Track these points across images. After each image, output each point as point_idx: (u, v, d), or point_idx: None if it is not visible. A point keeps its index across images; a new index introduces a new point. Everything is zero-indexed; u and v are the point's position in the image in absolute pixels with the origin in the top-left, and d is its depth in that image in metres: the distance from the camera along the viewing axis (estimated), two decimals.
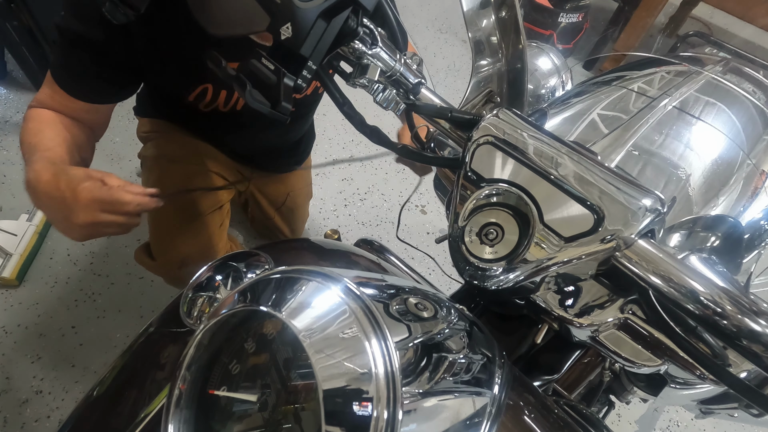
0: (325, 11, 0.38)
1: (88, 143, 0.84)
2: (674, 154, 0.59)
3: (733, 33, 2.95)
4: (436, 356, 0.36)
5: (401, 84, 0.49)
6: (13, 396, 1.31)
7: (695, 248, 0.54)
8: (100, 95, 0.81)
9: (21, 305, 1.48)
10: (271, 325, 0.37)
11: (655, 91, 0.68)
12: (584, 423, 0.50)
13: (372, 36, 0.44)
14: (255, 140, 1.09)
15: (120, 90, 0.83)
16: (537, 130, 0.43)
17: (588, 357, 0.70)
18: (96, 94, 0.80)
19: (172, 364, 0.50)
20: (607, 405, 0.84)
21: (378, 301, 0.35)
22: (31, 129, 0.78)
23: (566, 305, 0.45)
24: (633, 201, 0.38)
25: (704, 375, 0.43)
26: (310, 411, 0.33)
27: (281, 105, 0.40)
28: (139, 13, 0.52)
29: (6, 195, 1.71)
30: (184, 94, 0.86)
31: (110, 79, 0.79)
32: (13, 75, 2.08)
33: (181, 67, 0.80)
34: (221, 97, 0.87)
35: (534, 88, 0.84)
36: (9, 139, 1.87)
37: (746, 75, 0.86)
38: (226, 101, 0.88)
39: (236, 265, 0.53)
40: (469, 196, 0.43)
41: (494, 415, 0.40)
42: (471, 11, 0.54)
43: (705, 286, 0.35)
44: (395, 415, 0.29)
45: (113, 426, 0.48)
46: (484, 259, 0.42)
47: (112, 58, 0.76)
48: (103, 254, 1.63)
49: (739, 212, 0.58)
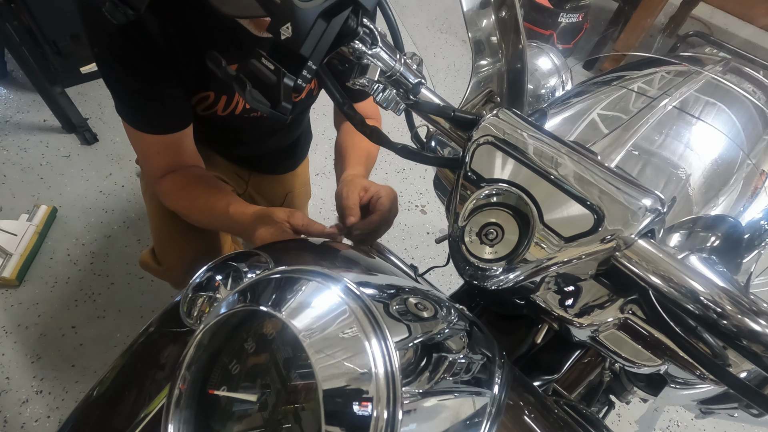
0: (325, 11, 0.38)
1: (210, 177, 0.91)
2: (674, 154, 0.59)
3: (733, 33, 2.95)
4: (436, 356, 0.36)
5: (401, 84, 0.49)
6: (13, 396, 1.31)
7: (695, 248, 0.54)
8: (178, 117, 0.84)
9: (21, 305, 1.48)
10: (271, 325, 0.37)
11: (655, 91, 0.68)
12: (584, 423, 0.50)
13: (372, 36, 0.44)
14: (251, 143, 1.09)
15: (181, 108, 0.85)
16: (537, 130, 0.43)
17: (588, 357, 0.70)
18: (174, 118, 0.83)
19: (172, 364, 0.50)
20: (607, 405, 0.84)
21: (378, 301, 0.35)
22: (193, 207, 0.86)
23: (566, 305, 0.45)
24: (633, 201, 0.38)
25: (704, 375, 0.43)
26: (310, 411, 0.33)
27: (281, 105, 0.40)
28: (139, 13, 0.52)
29: (6, 195, 1.72)
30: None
31: (168, 99, 0.81)
32: (13, 75, 2.08)
33: (185, 74, 0.80)
34: (221, 103, 0.87)
35: (534, 88, 0.84)
36: (9, 139, 1.87)
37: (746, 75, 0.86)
38: (225, 106, 0.88)
39: (236, 265, 0.53)
40: (469, 196, 0.43)
41: (494, 415, 0.40)
42: (471, 11, 0.54)
43: (705, 286, 0.35)
44: (395, 415, 0.29)
45: (113, 426, 0.48)
46: (484, 259, 0.42)
47: (156, 77, 0.77)
48: (103, 254, 1.63)
49: (739, 212, 0.58)
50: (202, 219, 0.86)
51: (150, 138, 0.81)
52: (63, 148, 1.89)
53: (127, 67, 0.73)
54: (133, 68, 0.74)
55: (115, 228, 1.71)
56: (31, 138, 1.89)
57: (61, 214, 1.70)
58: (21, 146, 1.86)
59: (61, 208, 1.71)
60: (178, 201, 0.87)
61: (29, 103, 2.00)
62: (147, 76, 0.75)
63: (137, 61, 0.73)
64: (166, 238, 1.04)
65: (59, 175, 1.81)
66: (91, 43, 0.72)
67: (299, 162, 1.31)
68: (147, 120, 0.80)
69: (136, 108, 0.79)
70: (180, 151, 0.86)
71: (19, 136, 1.89)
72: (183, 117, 0.84)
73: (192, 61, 0.77)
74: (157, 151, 0.84)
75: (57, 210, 1.70)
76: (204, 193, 0.84)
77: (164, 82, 0.77)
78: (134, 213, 1.76)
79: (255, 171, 1.23)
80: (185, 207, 0.87)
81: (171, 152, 0.85)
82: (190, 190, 0.85)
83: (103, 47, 0.71)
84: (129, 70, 0.74)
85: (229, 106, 0.89)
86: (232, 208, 0.80)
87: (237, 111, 0.90)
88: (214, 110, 0.88)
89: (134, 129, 0.80)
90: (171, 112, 0.81)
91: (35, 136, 1.90)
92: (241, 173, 1.21)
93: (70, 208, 1.73)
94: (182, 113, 0.83)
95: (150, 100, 0.78)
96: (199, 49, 0.75)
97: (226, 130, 1.00)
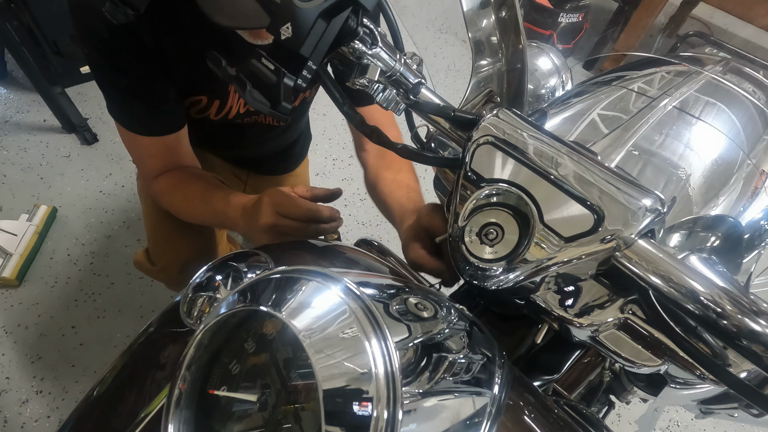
0: (325, 11, 0.38)
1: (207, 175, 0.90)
2: (674, 154, 0.59)
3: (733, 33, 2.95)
4: (436, 356, 0.36)
5: (401, 84, 0.49)
6: (13, 396, 1.31)
7: (695, 248, 0.54)
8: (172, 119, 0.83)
9: (21, 305, 1.48)
10: (271, 325, 0.37)
11: (655, 91, 0.68)
12: (584, 423, 0.50)
13: (372, 36, 0.44)
14: (248, 146, 1.09)
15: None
16: (537, 130, 0.43)
17: (588, 357, 0.70)
18: (167, 121, 0.82)
19: (172, 364, 0.50)
20: (607, 405, 0.84)
21: (378, 301, 0.35)
22: (188, 205, 0.84)
23: (566, 305, 0.45)
24: (633, 201, 0.38)
25: (704, 375, 0.43)
26: (310, 411, 0.33)
27: (281, 105, 0.40)
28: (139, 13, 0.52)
29: (6, 195, 1.72)
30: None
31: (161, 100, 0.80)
32: (13, 75, 2.08)
33: (176, 77, 0.79)
34: (213, 107, 0.86)
35: (534, 88, 0.83)
36: (9, 139, 1.87)
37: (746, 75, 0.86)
38: (218, 111, 0.87)
39: (236, 265, 0.53)
40: (469, 196, 0.43)
41: (494, 415, 0.40)
42: (471, 11, 0.54)
43: (705, 286, 0.35)
44: (395, 415, 0.29)
45: (113, 426, 0.48)
46: (484, 259, 0.42)
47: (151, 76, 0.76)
48: (103, 254, 1.63)
49: (739, 212, 0.58)
50: (198, 214, 0.84)
51: (145, 140, 0.80)
52: (63, 148, 1.89)
53: (119, 69, 0.73)
54: (125, 69, 0.73)
55: (115, 228, 1.71)
56: (31, 138, 1.89)
57: (61, 214, 1.70)
58: (21, 146, 1.86)
59: (61, 208, 1.71)
60: (173, 198, 0.85)
61: (29, 103, 2.00)
62: (139, 77, 0.74)
63: (128, 63, 0.72)
64: (160, 239, 1.04)
65: (59, 175, 1.81)
66: (83, 44, 0.71)
67: (298, 163, 1.31)
68: (140, 121, 0.79)
69: (128, 110, 0.79)
70: (176, 152, 0.85)
71: (19, 136, 1.89)
72: (177, 118, 0.83)
73: (182, 65, 0.76)
74: (152, 153, 0.83)
75: (57, 210, 1.70)
76: (200, 189, 0.83)
77: (157, 83, 0.76)
78: (134, 213, 1.76)
79: (253, 172, 1.23)
80: (180, 203, 0.85)
81: (167, 154, 0.84)
82: (185, 185, 0.84)
83: (93, 48, 0.71)
84: (120, 71, 0.73)
85: (222, 111, 0.88)
86: (233, 197, 0.79)
87: (231, 116, 0.89)
88: (206, 114, 0.87)
89: (128, 131, 0.79)
90: (164, 113, 0.80)
91: (35, 136, 1.91)
92: (239, 174, 1.21)
93: (70, 208, 1.73)
94: (176, 114, 0.82)
95: (143, 101, 0.77)
96: (190, 53, 0.75)
97: (221, 133, 0.99)
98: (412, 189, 0.86)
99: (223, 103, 0.86)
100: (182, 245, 1.02)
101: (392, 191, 0.85)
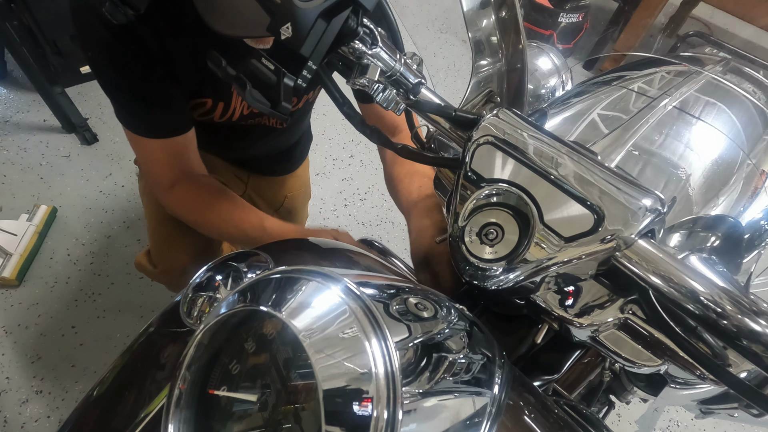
0: (325, 11, 0.38)
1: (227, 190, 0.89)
2: (674, 154, 0.59)
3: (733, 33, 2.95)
4: (436, 356, 0.36)
5: (401, 84, 0.49)
6: (13, 396, 1.31)
7: (695, 248, 0.54)
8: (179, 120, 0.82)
9: (21, 305, 1.48)
10: (271, 325, 0.37)
11: (655, 91, 0.68)
12: (584, 423, 0.50)
13: (372, 36, 0.44)
14: (250, 147, 1.09)
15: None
16: (537, 130, 0.43)
17: (588, 357, 0.70)
18: (176, 122, 0.81)
19: (172, 364, 0.50)
20: (607, 405, 0.84)
21: (378, 301, 0.35)
22: (213, 224, 0.84)
23: (566, 305, 0.45)
24: (633, 201, 0.38)
25: (704, 375, 0.43)
26: (310, 411, 0.33)
27: (281, 105, 0.40)
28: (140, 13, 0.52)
29: (6, 195, 1.72)
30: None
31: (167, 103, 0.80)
32: (13, 75, 2.08)
33: (180, 80, 0.79)
34: (218, 110, 0.86)
35: (534, 88, 0.83)
36: (9, 139, 1.87)
37: (746, 75, 0.86)
38: (222, 113, 0.87)
39: (236, 265, 0.53)
40: (469, 196, 0.43)
41: (494, 415, 0.40)
42: (471, 11, 0.54)
43: (705, 286, 0.35)
44: (395, 415, 0.29)
45: (113, 426, 0.48)
46: (484, 259, 0.42)
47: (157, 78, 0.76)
48: (103, 254, 1.63)
49: (739, 212, 0.58)
50: (224, 232, 0.84)
51: (153, 143, 0.80)
52: (63, 148, 1.89)
53: (123, 71, 0.72)
54: (129, 71, 0.72)
55: (115, 228, 1.71)
56: (31, 138, 1.89)
57: (61, 214, 1.70)
58: (21, 146, 1.86)
59: (61, 208, 1.71)
60: (190, 210, 0.85)
61: (29, 103, 2.00)
62: (143, 78, 0.74)
63: (132, 65, 0.71)
64: (162, 241, 1.04)
65: (59, 175, 1.81)
66: (85, 48, 0.71)
67: (299, 163, 1.31)
68: (148, 124, 0.78)
69: (134, 112, 0.78)
70: (184, 157, 0.84)
71: (19, 136, 1.89)
72: (184, 120, 0.82)
73: (187, 67, 0.76)
74: (161, 157, 0.82)
75: (57, 210, 1.70)
76: (227, 209, 0.82)
77: (161, 84, 0.76)
78: (134, 213, 1.76)
79: (254, 173, 1.23)
80: (199, 217, 0.84)
81: (177, 159, 0.83)
82: (206, 199, 0.83)
83: (96, 51, 0.70)
84: (125, 74, 0.73)
85: (227, 113, 0.87)
86: (268, 223, 0.79)
87: (234, 118, 0.89)
88: (210, 116, 0.87)
89: (135, 134, 0.79)
90: (171, 115, 0.80)
91: (35, 136, 1.91)
92: (240, 175, 1.21)
93: (70, 208, 1.73)
94: (183, 116, 0.82)
95: (148, 103, 0.76)
96: (194, 55, 0.74)
97: (223, 135, 0.99)
98: (428, 177, 0.84)
99: (227, 105, 0.86)
100: (185, 248, 1.01)
101: (404, 184, 0.86)
